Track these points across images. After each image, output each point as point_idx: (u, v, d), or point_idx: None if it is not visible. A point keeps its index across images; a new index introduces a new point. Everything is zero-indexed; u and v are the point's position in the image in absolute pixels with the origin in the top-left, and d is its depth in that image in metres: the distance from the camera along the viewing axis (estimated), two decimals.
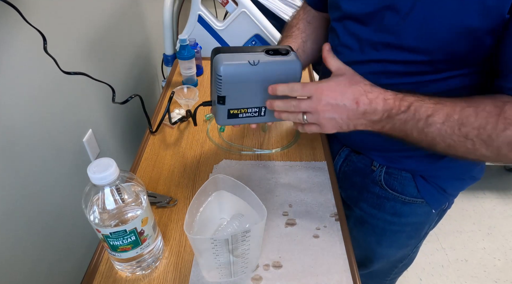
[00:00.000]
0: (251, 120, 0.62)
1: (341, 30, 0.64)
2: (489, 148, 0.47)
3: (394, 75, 0.58)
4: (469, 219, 1.73)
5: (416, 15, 0.50)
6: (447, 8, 0.47)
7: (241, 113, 0.60)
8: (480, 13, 0.46)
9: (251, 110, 0.60)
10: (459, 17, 0.47)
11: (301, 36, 0.75)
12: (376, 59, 0.58)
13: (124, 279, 0.57)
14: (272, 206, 0.69)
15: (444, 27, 0.49)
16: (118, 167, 0.47)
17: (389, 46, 0.56)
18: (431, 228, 0.82)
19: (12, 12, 0.62)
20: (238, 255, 0.52)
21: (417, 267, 1.53)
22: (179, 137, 0.86)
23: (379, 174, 0.73)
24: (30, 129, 0.77)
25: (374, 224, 0.81)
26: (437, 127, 0.48)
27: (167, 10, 1.30)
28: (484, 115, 0.46)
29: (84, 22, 0.99)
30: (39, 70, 0.78)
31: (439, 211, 0.77)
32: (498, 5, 0.44)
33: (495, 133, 0.46)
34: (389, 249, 0.86)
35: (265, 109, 0.60)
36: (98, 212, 0.48)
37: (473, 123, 0.47)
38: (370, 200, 0.78)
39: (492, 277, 1.50)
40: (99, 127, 1.11)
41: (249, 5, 1.24)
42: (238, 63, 0.53)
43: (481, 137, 0.47)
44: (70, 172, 0.94)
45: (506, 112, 0.45)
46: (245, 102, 0.58)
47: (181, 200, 0.70)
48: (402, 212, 0.75)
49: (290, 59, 0.56)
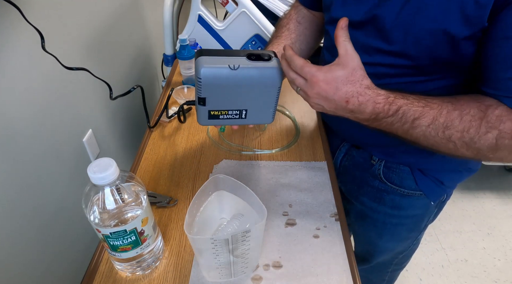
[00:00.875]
0: (232, 122, 0.62)
1: (334, 32, 0.64)
2: (469, 149, 0.50)
3: (384, 77, 0.60)
4: (469, 219, 1.73)
5: (402, 23, 0.53)
6: (429, 16, 0.50)
7: (221, 114, 0.60)
8: (460, 20, 0.48)
9: (232, 112, 0.60)
10: (440, 24, 0.50)
11: (290, 37, 0.75)
12: (368, 62, 0.58)
13: (124, 279, 0.57)
14: (272, 206, 0.69)
15: (427, 34, 0.51)
16: (118, 166, 0.47)
17: (380, 51, 0.58)
18: (431, 221, 0.84)
19: (12, 10, 0.62)
20: (238, 255, 0.52)
21: (417, 267, 1.53)
22: (179, 137, 0.86)
23: (378, 168, 0.74)
24: (30, 129, 0.77)
25: (374, 218, 0.82)
26: (422, 130, 0.51)
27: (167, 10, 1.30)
28: (469, 118, 0.49)
29: (84, 22, 0.99)
30: (38, 70, 0.78)
31: (437, 203, 0.78)
32: (477, 14, 0.47)
33: (477, 136, 0.48)
34: (390, 242, 0.87)
35: (245, 112, 0.61)
36: (98, 212, 0.48)
37: (457, 126, 0.49)
38: (370, 193, 0.79)
39: (492, 277, 1.50)
40: (99, 127, 1.11)
41: (249, 5, 1.24)
42: (218, 67, 0.54)
43: (464, 140, 0.49)
44: (70, 172, 0.94)
45: (488, 116, 0.48)
46: (225, 105, 0.59)
47: (181, 200, 0.70)
48: (402, 204, 0.77)
49: (271, 65, 0.56)
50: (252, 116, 0.61)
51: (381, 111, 0.51)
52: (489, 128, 0.48)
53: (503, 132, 0.47)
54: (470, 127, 0.48)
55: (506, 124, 0.47)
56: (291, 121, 0.91)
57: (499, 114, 0.48)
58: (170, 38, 1.32)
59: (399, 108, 0.51)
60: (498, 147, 0.48)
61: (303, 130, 0.88)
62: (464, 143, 0.49)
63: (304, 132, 0.87)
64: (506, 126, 0.47)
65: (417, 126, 0.51)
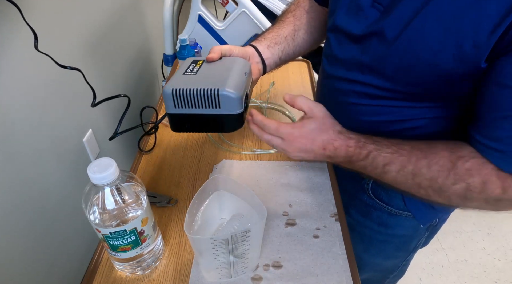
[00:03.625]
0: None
1: (334, 41, 0.64)
2: (441, 196, 0.51)
3: (375, 98, 0.59)
4: (469, 219, 1.73)
5: (399, 46, 0.51)
6: (426, 45, 0.48)
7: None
8: (455, 57, 0.46)
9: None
10: (435, 56, 0.48)
11: (294, 24, 0.73)
12: (361, 81, 0.59)
13: (124, 279, 0.57)
14: (272, 206, 0.69)
15: (421, 63, 0.49)
16: (118, 166, 0.47)
17: (373, 71, 0.56)
18: (421, 243, 0.81)
19: (11, 10, 0.62)
20: (238, 255, 0.52)
21: (417, 267, 1.53)
22: (179, 137, 0.86)
23: (367, 182, 0.73)
24: (30, 129, 0.77)
25: (362, 232, 0.80)
26: (393, 175, 0.52)
27: (167, 10, 1.30)
28: (437, 168, 0.49)
29: (83, 22, 0.99)
30: (38, 70, 0.78)
31: (428, 227, 0.75)
32: (475, 53, 0.44)
33: (446, 186, 0.49)
34: (376, 257, 0.85)
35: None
36: (98, 212, 0.48)
37: (425, 174, 0.50)
38: (358, 206, 0.77)
39: (492, 277, 1.50)
40: (99, 127, 1.11)
41: (249, 5, 1.25)
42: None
43: (433, 188, 0.50)
44: (70, 172, 0.94)
45: (457, 168, 0.48)
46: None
47: (181, 200, 0.70)
48: (389, 223, 0.74)
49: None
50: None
51: (353, 155, 0.54)
52: (457, 180, 0.48)
53: (471, 186, 0.47)
54: (438, 177, 0.49)
55: (475, 179, 0.47)
56: (291, 122, 0.92)
57: (468, 168, 0.47)
58: (170, 38, 1.33)
59: (370, 152, 0.53)
60: (467, 199, 0.49)
61: None
62: (434, 191, 0.50)
63: None
64: (475, 181, 0.47)
65: (387, 172, 0.53)
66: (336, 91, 0.64)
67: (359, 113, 0.62)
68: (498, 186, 0.46)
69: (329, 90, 0.68)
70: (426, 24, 0.47)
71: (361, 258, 0.85)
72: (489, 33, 0.42)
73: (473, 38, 0.43)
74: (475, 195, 0.48)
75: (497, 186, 0.46)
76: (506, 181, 0.46)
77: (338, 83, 0.63)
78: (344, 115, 0.61)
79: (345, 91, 0.62)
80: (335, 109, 0.60)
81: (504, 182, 0.46)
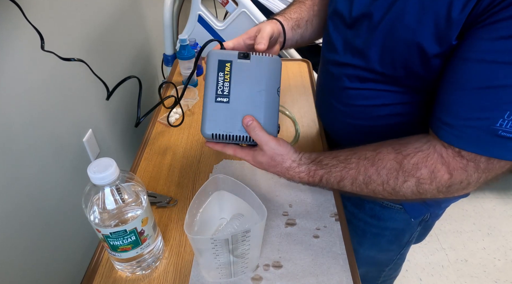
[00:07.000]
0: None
1: (331, 26, 0.65)
2: (397, 196, 0.53)
3: (365, 81, 0.60)
4: (469, 219, 1.73)
5: (384, 27, 0.52)
6: (407, 25, 0.49)
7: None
8: (433, 35, 0.47)
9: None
10: (414, 35, 0.49)
11: (313, 9, 0.73)
12: (352, 64, 0.60)
13: (124, 279, 0.57)
14: (272, 206, 0.69)
15: (402, 43, 0.51)
16: (118, 166, 0.47)
17: (362, 54, 0.58)
18: (414, 238, 0.81)
19: (12, 9, 0.62)
20: (238, 255, 0.52)
21: (417, 267, 1.53)
22: (179, 137, 0.86)
23: None
24: (30, 129, 0.77)
25: (355, 224, 0.81)
26: (349, 188, 0.56)
27: (167, 10, 1.30)
28: (385, 172, 0.52)
29: (84, 22, 0.99)
30: (38, 70, 0.78)
31: (420, 222, 0.76)
32: (447, 30, 0.45)
33: (398, 186, 0.51)
34: (370, 250, 0.86)
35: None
36: (98, 212, 0.48)
37: (376, 181, 0.52)
38: (353, 198, 0.79)
39: (492, 277, 1.50)
40: (99, 127, 1.11)
41: (249, 5, 1.25)
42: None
43: (387, 190, 0.52)
44: (70, 172, 0.94)
45: (405, 166, 0.50)
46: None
47: (181, 200, 0.70)
48: (381, 215, 0.76)
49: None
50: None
51: (308, 182, 0.58)
52: (407, 177, 0.50)
53: (421, 179, 0.49)
54: (388, 180, 0.51)
55: (423, 171, 0.49)
56: (291, 121, 0.92)
57: (415, 163, 0.49)
58: (170, 38, 1.33)
59: (321, 177, 0.57)
60: (420, 193, 0.51)
61: (303, 130, 0.88)
62: (390, 193, 0.52)
63: (304, 132, 0.88)
64: (423, 173, 0.49)
65: (343, 187, 0.56)
66: (331, 76, 0.66)
67: (351, 98, 0.63)
68: (445, 171, 0.48)
69: (325, 77, 0.69)
70: (406, 4, 0.48)
71: (357, 252, 0.87)
72: (460, 9, 0.43)
73: (447, 15, 0.44)
74: (427, 186, 0.49)
75: (444, 171, 0.48)
76: (450, 165, 0.47)
77: (332, 67, 0.65)
78: (339, 101, 0.65)
79: (339, 76, 0.63)
80: (331, 96, 0.65)
81: (449, 166, 0.47)
